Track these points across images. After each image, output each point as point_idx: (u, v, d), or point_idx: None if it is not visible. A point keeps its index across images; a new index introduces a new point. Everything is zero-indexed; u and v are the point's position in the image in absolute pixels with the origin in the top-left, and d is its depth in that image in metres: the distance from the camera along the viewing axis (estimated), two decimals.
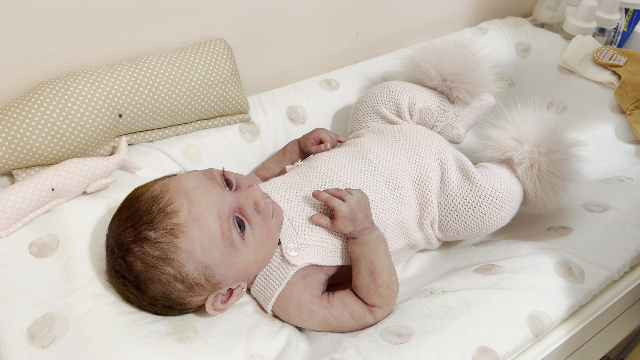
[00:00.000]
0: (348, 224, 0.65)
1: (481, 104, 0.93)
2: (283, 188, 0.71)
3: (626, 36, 1.22)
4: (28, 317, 0.55)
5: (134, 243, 0.55)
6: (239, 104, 0.86)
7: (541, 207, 0.78)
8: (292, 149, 0.85)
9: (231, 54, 0.85)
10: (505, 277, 0.67)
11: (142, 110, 0.76)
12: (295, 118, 0.93)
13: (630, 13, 1.19)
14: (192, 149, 0.83)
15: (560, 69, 1.11)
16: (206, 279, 0.57)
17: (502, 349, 0.59)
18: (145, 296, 0.57)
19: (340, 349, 0.59)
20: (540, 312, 0.63)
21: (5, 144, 0.66)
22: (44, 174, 0.65)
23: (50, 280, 0.59)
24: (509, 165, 0.78)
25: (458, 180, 0.75)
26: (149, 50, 0.83)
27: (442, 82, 0.87)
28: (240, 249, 0.58)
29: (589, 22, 1.13)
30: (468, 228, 0.74)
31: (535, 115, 0.79)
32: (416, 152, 0.76)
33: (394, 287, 0.65)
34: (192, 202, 0.56)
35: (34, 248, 0.61)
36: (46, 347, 0.53)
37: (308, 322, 0.64)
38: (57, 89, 0.69)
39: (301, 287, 0.64)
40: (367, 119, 0.86)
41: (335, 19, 1.02)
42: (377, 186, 0.72)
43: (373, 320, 0.65)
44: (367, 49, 1.12)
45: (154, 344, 0.55)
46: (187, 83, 0.78)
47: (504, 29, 1.17)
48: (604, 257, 0.70)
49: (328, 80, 0.99)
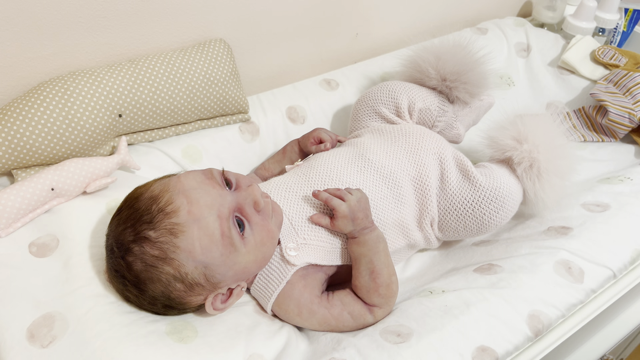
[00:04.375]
0: (348, 224, 0.65)
1: (481, 103, 0.93)
2: (283, 188, 0.71)
3: (626, 36, 1.22)
4: (28, 317, 0.55)
5: (133, 243, 0.55)
6: (238, 104, 0.86)
7: (541, 207, 0.78)
8: (292, 149, 0.85)
9: (231, 54, 0.85)
10: (505, 277, 0.67)
11: (142, 110, 0.76)
12: (295, 118, 0.93)
13: (629, 13, 1.19)
14: (191, 149, 0.83)
15: (560, 69, 1.12)
16: (206, 278, 0.57)
17: (502, 349, 0.59)
18: (145, 296, 0.57)
19: (340, 349, 0.59)
20: (540, 311, 0.63)
21: (5, 144, 0.66)
22: (43, 174, 0.65)
23: (50, 280, 0.59)
24: (509, 164, 0.78)
25: (457, 179, 0.75)
26: (149, 50, 0.83)
27: (442, 82, 0.87)
28: (239, 248, 0.58)
29: (588, 22, 1.13)
30: (467, 228, 0.74)
31: (535, 115, 0.79)
32: (416, 151, 0.76)
33: (393, 287, 0.65)
34: (191, 201, 0.56)
35: (33, 248, 0.62)
36: (46, 346, 0.53)
37: (308, 321, 0.64)
38: (57, 89, 0.69)
39: (301, 286, 0.64)
40: (366, 118, 0.86)
41: (335, 19, 1.02)
42: (376, 186, 0.72)
43: (373, 319, 0.65)
44: (367, 49, 1.12)
45: (153, 343, 0.55)
46: (187, 83, 0.78)
47: (503, 28, 1.17)
48: (604, 256, 0.70)
49: (328, 80, 0.99)
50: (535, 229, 0.79)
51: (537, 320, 0.62)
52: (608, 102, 0.96)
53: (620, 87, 0.99)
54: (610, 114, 0.95)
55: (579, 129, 1.02)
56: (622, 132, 0.97)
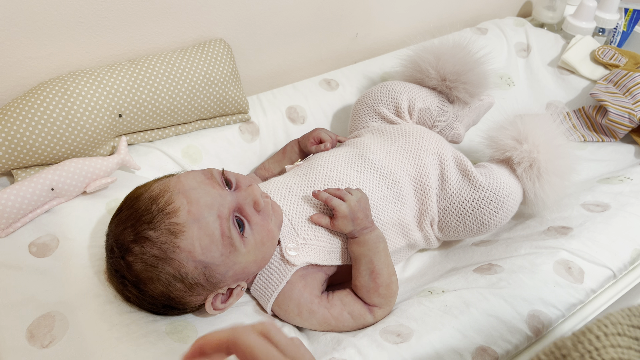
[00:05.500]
0: (348, 224, 0.65)
1: (481, 103, 0.93)
2: (283, 188, 0.71)
3: (626, 36, 1.22)
4: (28, 317, 0.55)
5: (133, 243, 0.55)
6: (238, 104, 0.86)
7: (540, 207, 0.78)
8: (292, 149, 0.85)
9: (231, 54, 0.85)
10: (505, 277, 0.67)
11: (142, 110, 0.76)
12: (294, 118, 0.93)
13: (629, 13, 1.19)
14: (192, 149, 0.83)
15: (560, 68, 1.12)
16: (206, 278, 0.57)
17: (502, 349, 0.59)
18: (145, 296, 0.57)
19: (340, 349, 0.59)
20: (540, 311, 0.63)
21: (5, 144, 0.66)
22: (43, 174, 0.65)
23: (50, 280, 0.59)
24: (509, 164, 0.78)
25: (457, 179, 0.75)
26: (149, 50, 0.83)
27: (442, 82, 0.87)
28: (239, 248, 0.58)
29: (588, 22, 1.13)
30: (467, 227, 0.74)
31: (535, 115, 0.80)
32: (415, 151, 0.76)
33: (393, 287, 0.65)
34: (191, 201, 0.56)
35: (34, 248, 0.62)
36: (46, 346, 0.53)
37: (308, 321, 0.64)
38: (57, 89, 0.69)
39: (301, 286, 0.64)
40: (366, 118, 0.86)
41: (335, 19, 1.02)
42: (376, 186, 0.72)
43: (372, 319, 0.65)
44: (367, 49, 1.12)
45: (153, 343, 0.55)
46: (187, 83, 0.78)
47: (503, 28, 1.17)
48: (604, 256, 0.70)
49: (328, 80, 0.99)
50: (535, 229, 0.79)
51: (537, 320, 0.62)
52: (608, 102, 0.96)
53: (620, 87, 0.99)
54: (610, 114, 0.95)
55: (579, 129, 1.02)
56: (622, 132, 0.97)
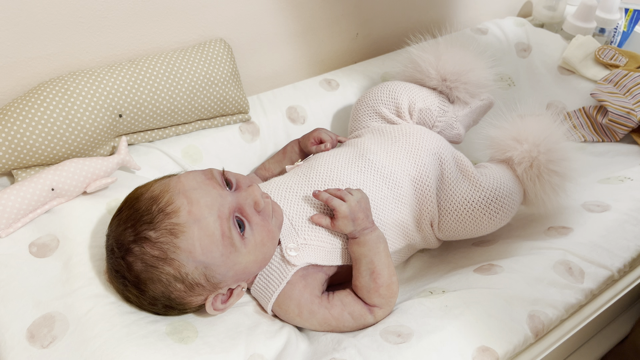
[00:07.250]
0: (348, 224, 0.65)
1: (481, 104, 0.93)
2: (283, 188, 0.71)
3: (626, 36, 1.22)
4: (28, 317, 0.55)
5: (134, 243, 0.55)
6: (239, 104, 0.86)
7: (541, 207, 0.78)
8: (292, 149, 0.85)
9: (231, 54, 0.85)
10: (505, 277, 0.67)
11: (142, 110, 0.76)
12: (295, 118, 0.93)
13: (630, 13, 1.19)
14: (192, 149, 0.83)
15: (560, 69, 1.11)
16: (206, 278, 0.57)
17: (502, 349, 0.59)
18: (145, 296, 0.57)
19: (340, 349, 0.59)
20: (540, 311, 0.63)
21: (5, 144, 0.66)
22: (44, 174, 0.65)
23: (50, 280, 0.59)
24: (509, 164, 0.78)
25: (458, 180, 0.75)
26: (149, 50, 0.83)
27: (442, 82, 0.87)
28: (240, 248, 0.58)
29: (589, 22, 1.13)
30: (468, 228, 0.74)
31: (535, 115, 0.79)
32: (416, 152, 0.76)
33: (394, 287, 0.65)
34: (192, 202, 0.56)
35: (34, 248, 0.62)
36: (46, 347, 0.53)
37: (308, 321, 0.64)
38: (57, 89, 0.69)
39: (301, 287, 0.64)
40: (367, 119, 0.86)
41: (335, 19, 1.02)
42: (376, 186, 0.72)
43: (373, 320, 0.65)
44: (367, 49, 1.12)
45: (153, 343, 0.55)
46: (187, 83, 0.78)
47: (503, 28, 1.17)
48: (604, 256, 0.70)
49: (328, 80, 0.99)
50: (535, 229, 0.79)
51: (537, 320, 0.62)
52: (608, 102, 0.96)
53: (620, 87, 0.99)
54: (611, 114, 0.95)
55: (579, 129, 1.02)
56: (622, 132, 0.97)
